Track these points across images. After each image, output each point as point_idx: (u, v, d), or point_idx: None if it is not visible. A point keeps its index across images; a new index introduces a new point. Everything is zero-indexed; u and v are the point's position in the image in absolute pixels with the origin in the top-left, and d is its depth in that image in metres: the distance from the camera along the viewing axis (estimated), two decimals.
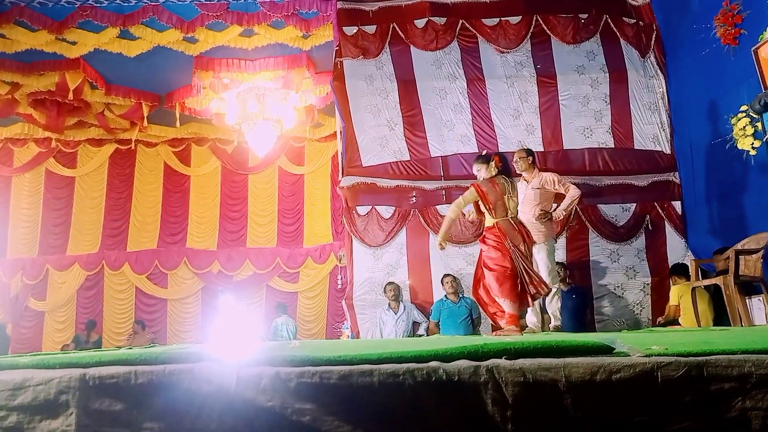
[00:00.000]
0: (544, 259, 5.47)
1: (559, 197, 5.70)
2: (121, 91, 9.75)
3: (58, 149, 11.84)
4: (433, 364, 1.41)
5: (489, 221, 4.92)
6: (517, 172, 5.61)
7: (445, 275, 6.57)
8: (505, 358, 1.43)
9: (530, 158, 5.72)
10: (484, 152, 5.35)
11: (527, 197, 5.57)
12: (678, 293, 5.93)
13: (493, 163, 4.96)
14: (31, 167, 11.83)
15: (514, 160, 5.65)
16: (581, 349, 1.48)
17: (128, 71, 9.05)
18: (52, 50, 8.19)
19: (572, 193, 5.56)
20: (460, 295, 6.52)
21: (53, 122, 10.27)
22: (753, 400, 1.31)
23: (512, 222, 4.87)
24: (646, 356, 1.40)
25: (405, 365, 1.41)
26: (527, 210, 5.47)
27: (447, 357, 1.46)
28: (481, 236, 5.03)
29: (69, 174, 12.02)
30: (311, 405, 1.39)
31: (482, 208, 4.98)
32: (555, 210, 5.59)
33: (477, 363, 1.40)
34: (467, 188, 6.68)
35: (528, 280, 4.73)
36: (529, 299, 4.82)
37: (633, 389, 1.33)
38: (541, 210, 5.50)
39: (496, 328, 4.78)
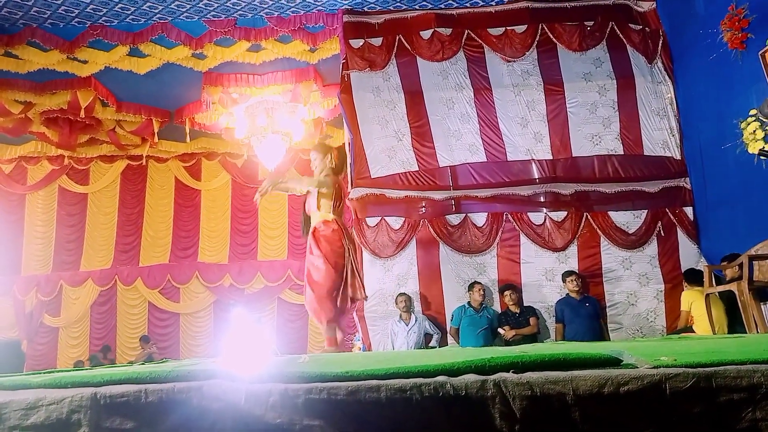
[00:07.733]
0: None
1: None
2: (131, 108, 9.84)
3: (71, 166, 11.97)
4: (440, 378, 1.42)
5: (328, 216, 4.66)
6: None
7: (475, 283, 6.54)
8: (513, 372, 1.43)
9: None
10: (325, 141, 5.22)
11: None
12: (689, 299, 5.86)
13: (330, 157, 4.80)
14: (45, 185, 11.96)
15: None
16: (589, 362, 1.48)
17: (138, 88, 9.15)
18: (63, 69, 8.30)
19: None
20: (483, 305, 6.48)
21: (65, 140, 10.40)
22: (763, 410, 1.30)
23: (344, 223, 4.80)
24: (654, 368, 1.39)
25: (412, 380, 1.41)
26: None
27: (454, 371, 1.46)
28: (313, 230, 4.68)
29: (81, 191, 12.14)
30: (319, 421, 1.39)
31: (325, 203, 4.66)
32: None
33: (484, 377, 1.40)
34: (475, 198, 6.72)
35: (351, 282, 4.57)
36: (348, 303, 4.62)
37: (641, 401, 1.33)
38: None
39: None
